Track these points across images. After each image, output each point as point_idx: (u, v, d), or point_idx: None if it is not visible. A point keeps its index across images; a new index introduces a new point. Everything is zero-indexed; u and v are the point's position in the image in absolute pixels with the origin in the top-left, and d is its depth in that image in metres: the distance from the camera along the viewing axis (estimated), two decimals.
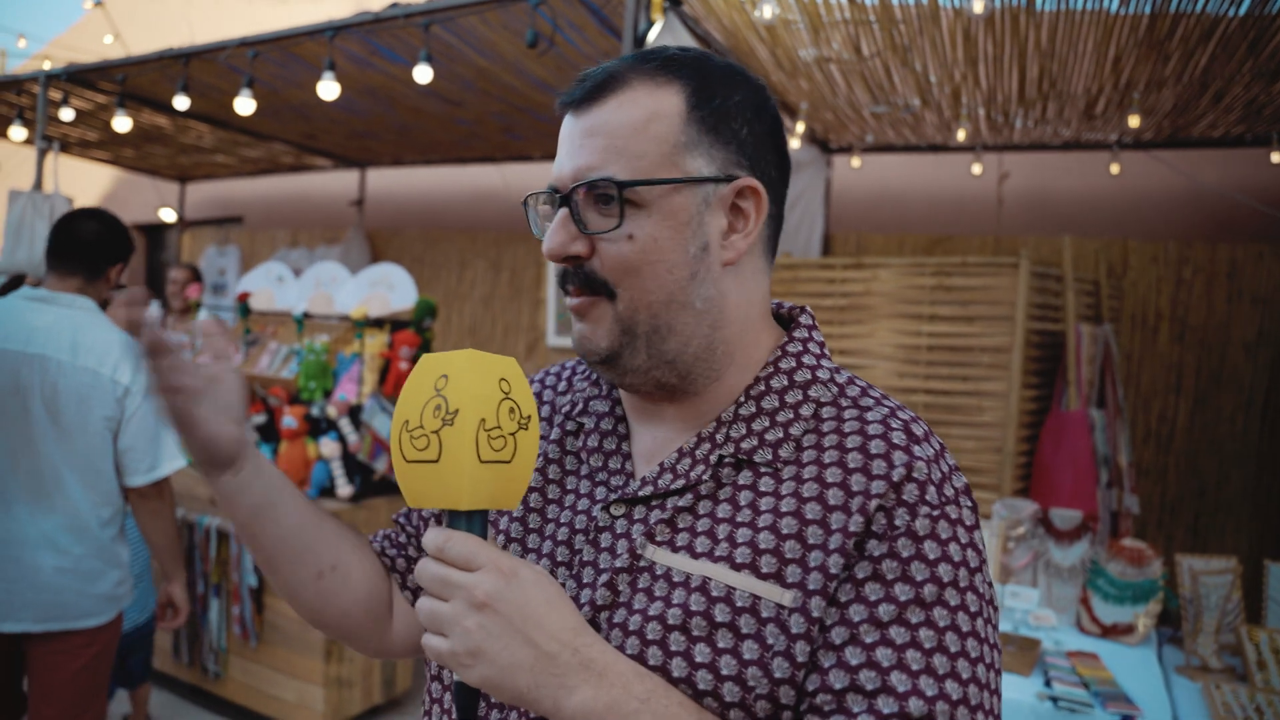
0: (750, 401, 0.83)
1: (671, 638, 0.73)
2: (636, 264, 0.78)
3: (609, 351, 0.81)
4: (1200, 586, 2.67)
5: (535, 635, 0.66)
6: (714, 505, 0.78)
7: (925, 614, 0.69)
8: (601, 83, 0.80)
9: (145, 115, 5.32)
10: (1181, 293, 4.49)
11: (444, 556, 0.68)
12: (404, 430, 0.70)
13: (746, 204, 0.81)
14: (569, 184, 0.80)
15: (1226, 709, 2.25)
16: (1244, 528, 4.33)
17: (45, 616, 2.25)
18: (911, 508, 0.72)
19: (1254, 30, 3.02)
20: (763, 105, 0.84)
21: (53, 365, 2.26)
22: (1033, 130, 4.53)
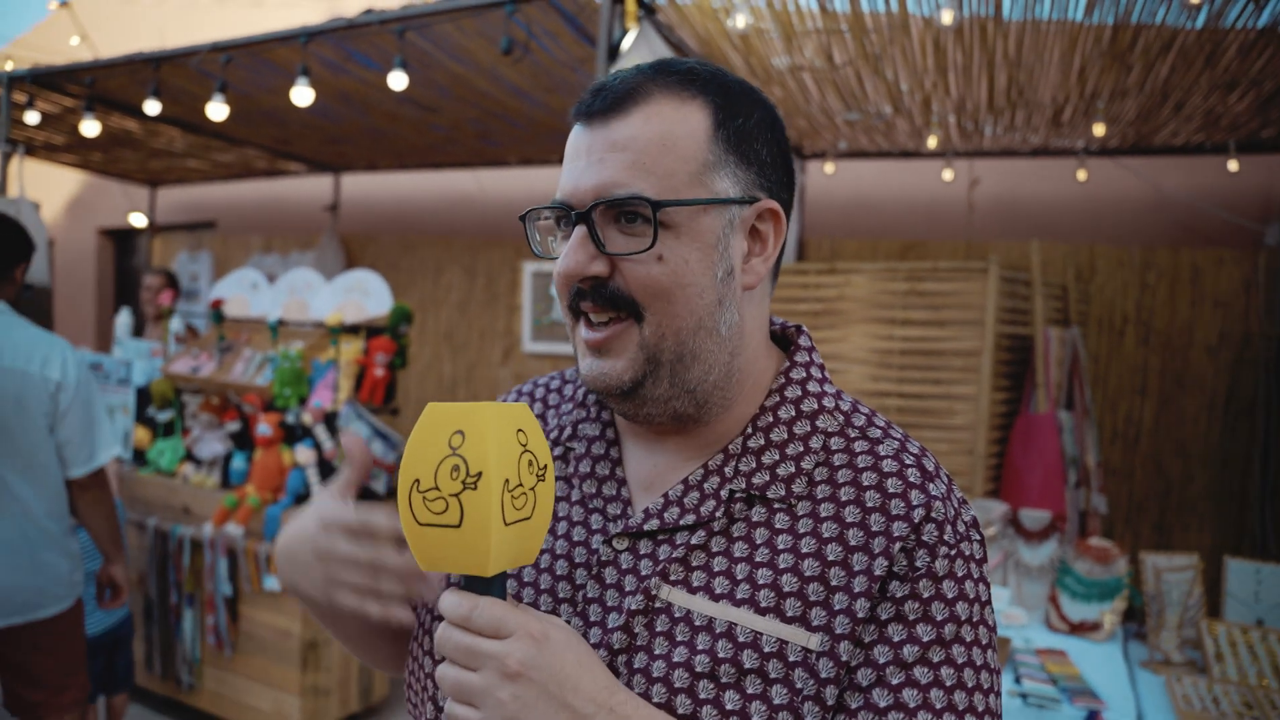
0: (758, 434, 0.80)
1: (700, 685, 0.71)
2: (667, 286, 0.74)
3: (632, 383, 0.77)
4: (1163, 583, 2.74)
5: (570, 698, 0.64)
6: (729, 543, 0.76)
7: (945, 652, 0.71)
8: (623, 95, 0.76)
9: (114, 119, 5.26)
10: (1146, 297, 4.59)
11: (471, 625, 0.65)
12: (415, 490, 0.65)
13: (765, 227, 0.80)
14: (588, 200, 0.75)
15: (1187, 701, 2.31)
16: (1207, 525, 4.43)
17: (11, 612, 2.34)
18: (931, 549, 0.72)
19: (1210, 43, 3.11)
20: (777, 125, 0.82)
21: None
22: (1002, 137, 4.61)
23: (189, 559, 3.61)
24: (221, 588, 3.53)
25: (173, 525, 3.68)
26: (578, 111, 0.79)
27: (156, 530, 3.70)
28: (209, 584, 3.56)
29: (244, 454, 3.77)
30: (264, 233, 7.50)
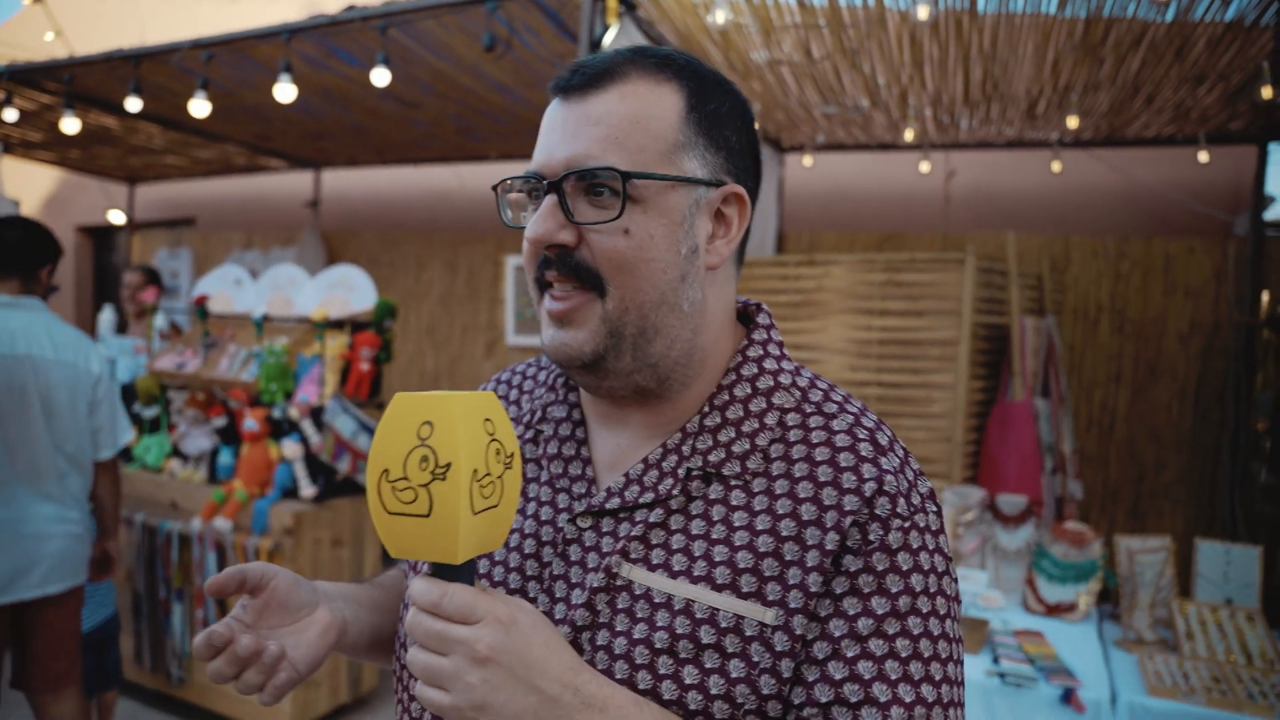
0: (715, 411, 0.82)
1: (660, 661, 0.73)
2: (632, 260, 0.76)
3: (593, 355, 0.79)
4: (1136, 565, 2.82)
5: (538, 681, 0.66)
6: (686, 521, 0.78)
7: (900, 624, 0.72)
8: (600, 73, 0.78)
9: (93, 116, 5.23)
10: (1120, 286, 4.67)
11: (441, 611, 0.66)
12: (384, 480, 0.66)
13: (731, 210, 0.82)
14: (560, 170, 0.77)
15: (1158, 677, 2.39)
16: (1180, 510, 4.52)
17: (59, 579, 2.63)
18: (884, 521, 0.74)
19: (1179, 37, 3.17)
20: (747, 115, 0.85)
21: (41, 364, 2.58)
22: (978, 130, 4.68)
23: (177, 554, 3.62)
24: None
25: (160, 520, 3.69)
26: (555, 86, 0.81)
27: (144, 526, 3.71)
28: (198, 578, 3.58)
29: (230, 449, 3.78)
30: (244, 229, 7.47)
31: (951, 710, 0.73)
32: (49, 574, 2.60)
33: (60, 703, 2.72)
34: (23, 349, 2.54)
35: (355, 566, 3.84)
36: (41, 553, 2.57)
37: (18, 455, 2.55)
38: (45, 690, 2.69)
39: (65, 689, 2.72)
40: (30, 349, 2.56)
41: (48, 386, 2.58)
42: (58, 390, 2.60)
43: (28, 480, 2.57)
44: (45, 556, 2.58)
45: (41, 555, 2.57)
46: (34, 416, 2.56)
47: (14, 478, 2.55)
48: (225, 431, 3.84)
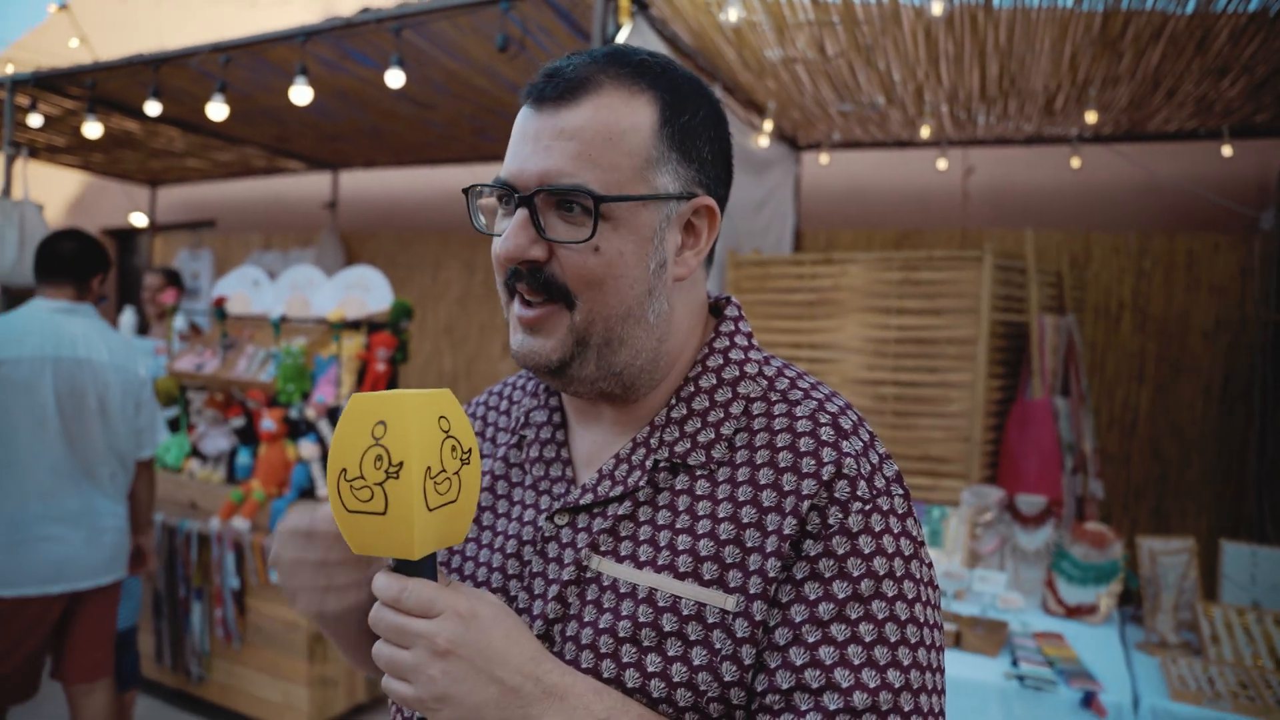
0: (681, 404, 0.83)
1: (623, 650, 0.74)
2: (600, 277, 0.77)
3: (559, 363, 0.80)
4: (1159, 566, 2.77)
5: (498, 672, 0.67)
6: (654, 512, 0.79)
7: (864, 608, 0.71)
8: (575, 83, 0.77)
9: (115, 120, 5.29)
10: (1142, 283, 4.61)
11: (401, 606, 0.67)
12: (342, 479, 0.67)
13: (700, 222, 0.82)
14: (532, 185, 0.77)
15: (1182, 681, 2.35)
16: (1205, 510, 4.46)
17: (107, 571, 2.77)
18: (843, 505, 0.73)
19: (1200, 29, 3.12)
20: (721, 123, 0.85)
21: (99, 367, 2.73)
22: (995, 126, 4.63)
23: (196, 553, 3.65)
24: (229, 581, 3.57)
25: (180, 520, 3.72)
26: (528, 94, 0.80)
27: (164, 525, 3.74)
28: (216, 577, 3.60)
29: (249, 449, 3.81)
30: (263, 230, 7.53)
31: (924, 696, 0.72)
32: (104, 565, 2.75)
33: (95, 694, 2.81)
34: (83, 353, 2.70)
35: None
36: (101, 544, 2.73)
37: (79, 452, 2.71)
38: (82, 680, 2.78)
39: (100, 679, 2.82)
40: (90, 353, 2.71)
41: (104, 388, 2.73)
42: (112, 392, 2.75)
43: (87, 476, 2.73)
44: (104, 548, 2.74)
45: (101, 546, 2.73)
46: (92, 416, 2.71)
47: (79, 472, 2.71)
48: (243, 432, 3.87)
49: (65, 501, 2.68)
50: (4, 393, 2.59)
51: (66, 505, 2.68)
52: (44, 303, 2.74)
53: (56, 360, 2.65)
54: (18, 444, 2.61)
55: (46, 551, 2.63)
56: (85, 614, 2.77)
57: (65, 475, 2.69)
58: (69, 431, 2.68)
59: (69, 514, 2.68)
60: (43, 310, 2.72)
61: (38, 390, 2.62)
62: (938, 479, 3.66)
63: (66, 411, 2.67)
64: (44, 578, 2.62)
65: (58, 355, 2.66)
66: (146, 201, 7.64)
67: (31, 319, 2.70)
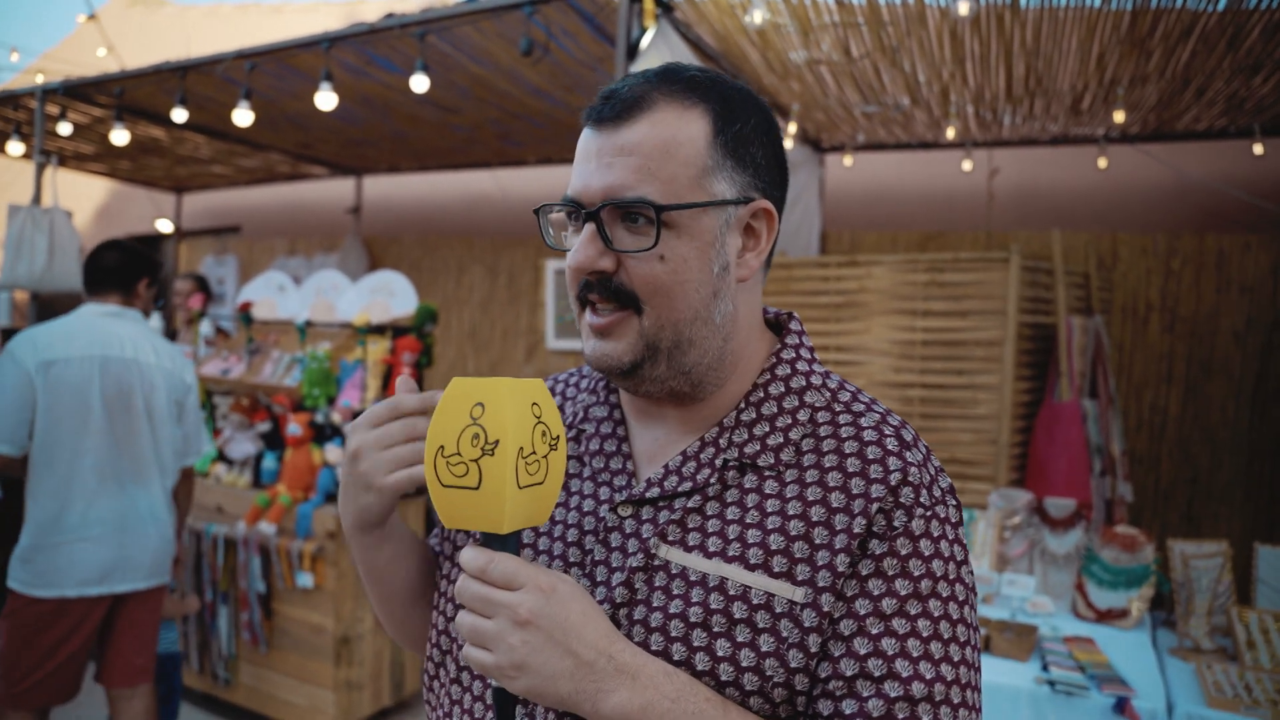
0: (751, 408, 0.88)
1: (694, 634, 0.78)
2: (667, 283, 0.82)
3: (631, 365, 0.84)
4: (1191, 570, 2.74)
5: (574, 645, 0.71)
6: (722, 507, 0.84)
7: (922, 605, 0.77)
8: (630, 103, 0.83)
9: (141, 127, 5.36)
10: (1171, 283, 4.56)
11: (487, 577, 0.72)
12: (439, 455, 0.72)
13: (759, 224, 0.87)
14: (597, 200, 0.82)
15: (1218, 688, 2.31)
16: (1237, 513, 4.39)
17: (150, 574, 2.77)
18: (908, 510, 0.79)
19: (1232, 26, 3.08)
20: (772, 128, 0.89)
21: (146, 368, 2.76)
22: (1021, 126, 4.59)
23: (223, 557, 3.68)
24: (255, 585, 3.59)
25: (206, 524, 3.75)
26: (588, 116, 0.86)
27: (190, 529, 3.77)
28: (243, 581, 3.63)
29: (275, 454, 3.83)
30: (288, 236, 7.59)
31: (968, 693, 0.77)
32: (147, 569, 2.75)
33: (135, 699, 2.82)
34: (131, 353, 2.73)
35: None
36: (146, 546, 2.74)
37: (124, 452, 2.72)
38: (122, 685, 2.79)
39: (141, 684, 2.83)
40: (137, 354, 2.75)
41: (151, 390, 2.76)
42: (158, 395, 2.78)
43: (132, 477, 2.74)
44: (146, 551, 2.74)
45: (146, 548, 2.74)
46: (138, 417, 2.73)
47: (124, 474, 2.72)
48: (269, 436, 3.89)
49: (108, 503, 2.68)
50: (53, 393, 2.60)
51: (110, 506, 2.68)
52: (93, 307, 2.78)
53: (104, 360, 2.67)
54: (62, 443, 2.62)
55: (87, 553, 2.63)
56: (127, 618, 2.77)
57: (110, 476, 2.69)
58: (115, 432, 2.69)
59: (112, 516, 2.67)
60: (91, 314, 2.76)
61: (86, 390, 2.64)
62: (965, 482, 3.63)
63: (114, 412, 2.68)
64: (84, 579, 2.62)
65: (105, 355, 2.68)
66: (172, 208, 7.72)
67: (80, 322, 2.73)
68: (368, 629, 3.66)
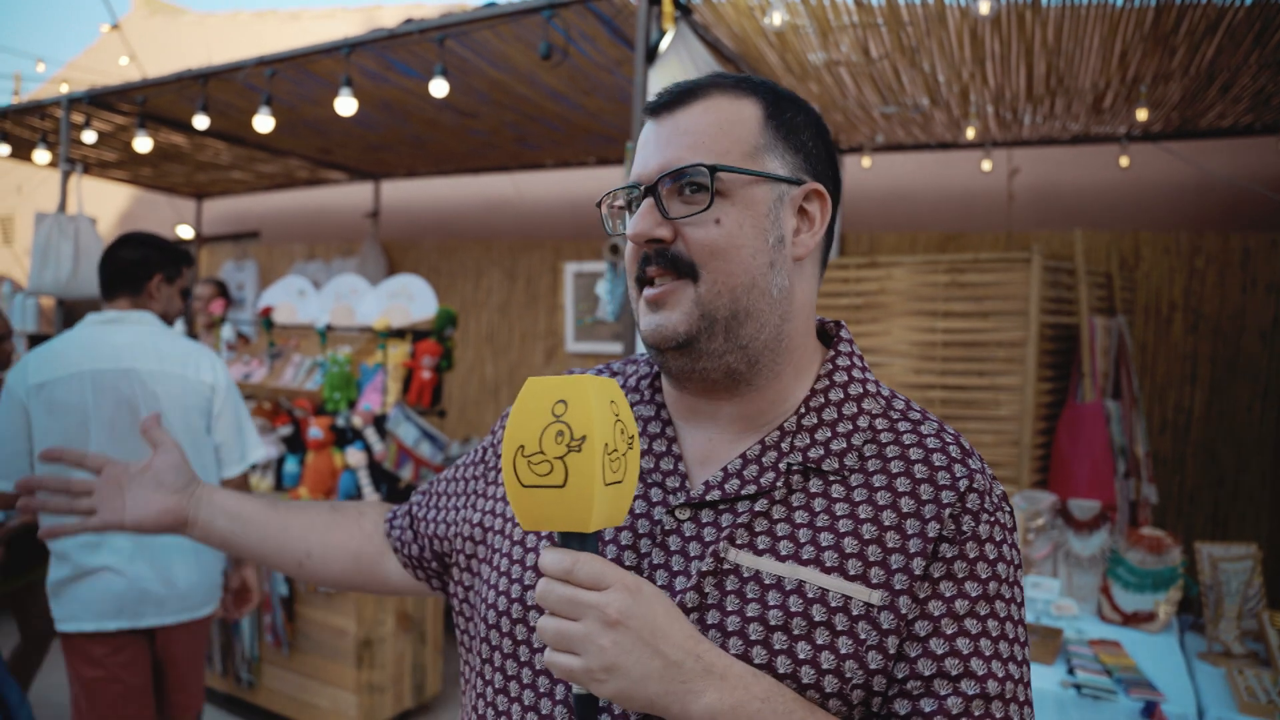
0: (811, 413, 0.88)
1: (774, 637, 0.78)
2: (723, 246, 0.83)
3: (687, 336, 0.84)
4: (1220, 573, 2.70)
5: (663, 646, 0.70)
6: (789, 511, 0.84)
7: (990, 607, 0.79)
8: (685, 92, 0.87)
9: (163, 134, 5.41)
10: (1194, 283, 4.51)
11: (573, 578, 0.70)
12: (519, 455, 0.71)
13: (813, 207, 0.89)
14: (654, 176, 0.85)
15: (1250, 693, 2.28)
16: (1264, 515, 4.33)
17: (181, 609, 2.50)
18: (975, 515, 0.81)
19: (1260, 20, 3.04)
20: (823, 128, 0.92)
21: (146, 377, 2.45)
22: (1041, 126, 4.56)
23: None
24: (278, 588, 3.62)
25: None
26: (647, 109, 0.90)
27: None
28: (265, 584, 3.65)
29: (296, 457, 3.86)
30: (307, 241, 7.64)
31: (1029, 690, 0.81)
32: (174, 603, 2.48)
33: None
34: (126, 362, 2.44)
35: None
36: (169, 579, 2.47)
37: None
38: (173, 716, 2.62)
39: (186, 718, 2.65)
40: (134, 362, 2.45)
41: (155, 400, 2.46)
42: (167, 404, 2.48)
43: None
44: (172, 583, 2.47)
45: (169, 582, 2.47)
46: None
47: None
48: (291, 440, 3.92)
49: (111, 535, 2.39)
50: (49, 417, 2.37)
51: (114, 538, 2.42)
52: (91, 315, 2.54)
53: (95, 374, 2.40)
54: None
55: (104, 584, 2.40)
56: (166, 653, 2.55)
57: None
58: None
59: (125, 545, 2.42)
60: (87, 324, 2.51)
61: (81, 410, 2.38)
62: None
63: (117, 430, 2.41)
64: (102, 613, 2.40)
65: (96, 369, 2.41)
66: (192, 214, 7.79)
67: (74, 335, 2.49)
68: (389, 632, 3.67)
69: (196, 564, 2.52)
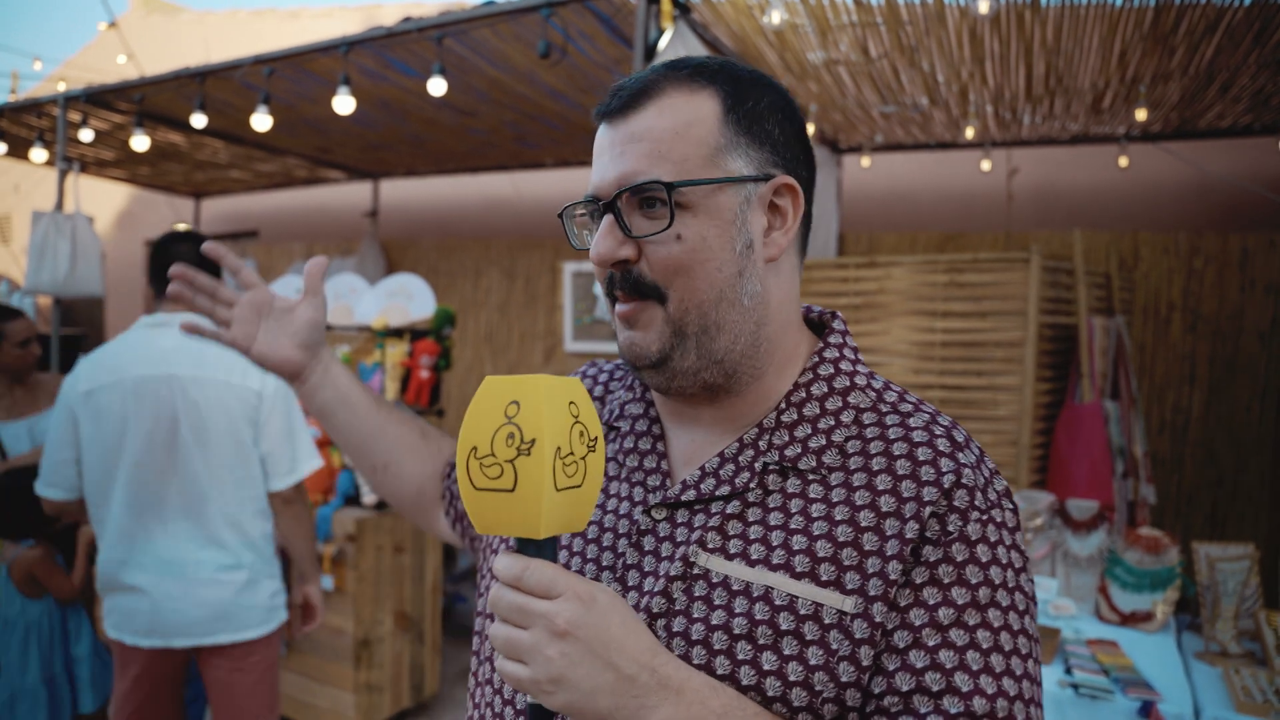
0: (792, 409, 0.84)
1: (738, 646, 0.74)
2: (687, 263, 0.79)
3: (660, 355, 0.82)
4: (1218, 573, 2.70)
5: (615, 659, 0.67)
6: (764, 513, 0.79)
7: (981, 615, 0.73)
8: (637, 92, 0.82)
9: (161, 133, 5.40)
10: (1193, 283, 4.51)
11: (522, 585, 0.67)
12: (472, 457, 0.68)
13: (784, 202, 0.84)
14: (612, 190, 0.81)
15: (1246, 693, 2.28)
16: (1263, 515, 4.33)
17: (212, 630, 2.32)
18: (963, 513, 0.75)
19: (1259, 20, 3.04)
20: (789, 107, 0.86)
21: (188, 382, 2.31)
22: (1040, 126, 4.56)
23: None
24: None
25: None
26: (599, 112, 0.85)
27: None
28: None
29: None
30: (305, 240, 7.63)
31: (1032, 708, 0.73)
32: (206, 624, 2.32)
33: None
34: (170, 369, 2.31)
35: (417, 572, 3.88)
36: (200, 599, 2.31)
37: (170, 485, 2.30)
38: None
39: None
40: (174, 368, 2.31)
41: (196, 407, 2.31)
42: (209, 411, 2.32)
43: (184, 512, 2.31)
44: (204, 604, 2.31)
45: (200, 603, 2.31)
46: (183, 442, 2.30)
47: (172, 513, 2.31)
48: None
49: (150, 547, 2.30)
50: (94, 425, 2.29)
51: (152, 551, 2.30)
52: (144, 319, 2.41)
53: (139, 381, 2.29)
54: (105, 482, 2.31)
55: (132, 602, 2.30)
56: (206, 675, 2.41)
57: (151, 516, 2.30)
58: (156, 465, 2.29)
59: (155, 562, 2.30)
60: (137, 328, 2.40)
61: (123, 419, 2.29)
62: None
63: (154, 441, 2.29)
64: (137, 629, 2.30)
65: (140, 375, 2.30)
66: (191, 213, 7.78)
67: (123, 339, 2.38)
68: (387, 631, 3.67)
69: (226, 585, 2.34)
